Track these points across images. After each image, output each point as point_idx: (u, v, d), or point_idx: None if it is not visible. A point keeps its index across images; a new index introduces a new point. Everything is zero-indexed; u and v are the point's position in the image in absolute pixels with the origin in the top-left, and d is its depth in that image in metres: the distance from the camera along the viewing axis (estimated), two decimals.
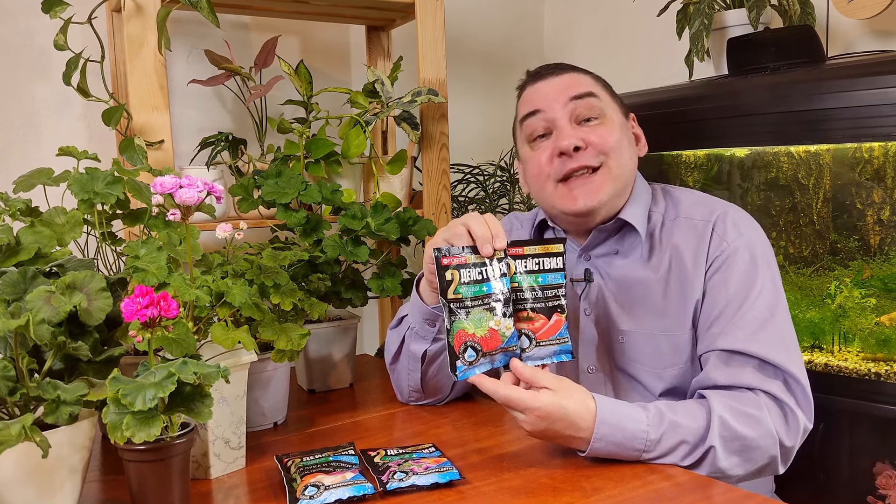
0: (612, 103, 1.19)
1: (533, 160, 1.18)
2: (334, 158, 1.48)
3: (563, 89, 1.16)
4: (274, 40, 1.58)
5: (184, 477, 0.85)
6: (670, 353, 1.12)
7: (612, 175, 1.13)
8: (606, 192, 1.12)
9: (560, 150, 1.12)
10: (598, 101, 1.16)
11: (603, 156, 1.13)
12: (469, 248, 0.99)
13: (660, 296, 1.13)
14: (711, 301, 1.09)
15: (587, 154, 1.12)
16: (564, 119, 1.14)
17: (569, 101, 1.15)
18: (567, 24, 2.26)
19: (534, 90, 1.19)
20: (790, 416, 1.02)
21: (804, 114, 1.32)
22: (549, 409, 0.93)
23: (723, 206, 1.16)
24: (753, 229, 1.14)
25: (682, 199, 1.20)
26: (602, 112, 1.15)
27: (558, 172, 1.14)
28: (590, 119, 1.15)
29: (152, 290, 0.80)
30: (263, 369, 1.15)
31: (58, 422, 0.80)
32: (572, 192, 1.13)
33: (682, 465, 0.97)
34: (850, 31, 1.58)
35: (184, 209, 0.93)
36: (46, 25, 1.54)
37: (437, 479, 0.91)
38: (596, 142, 1.13)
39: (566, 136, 1.12)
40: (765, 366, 1.03)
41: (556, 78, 1.18)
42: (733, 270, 1.09)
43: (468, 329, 0.96)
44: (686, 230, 1.15)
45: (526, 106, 1.19)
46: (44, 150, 1.58)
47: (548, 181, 1.16)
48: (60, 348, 0.84)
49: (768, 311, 1.06)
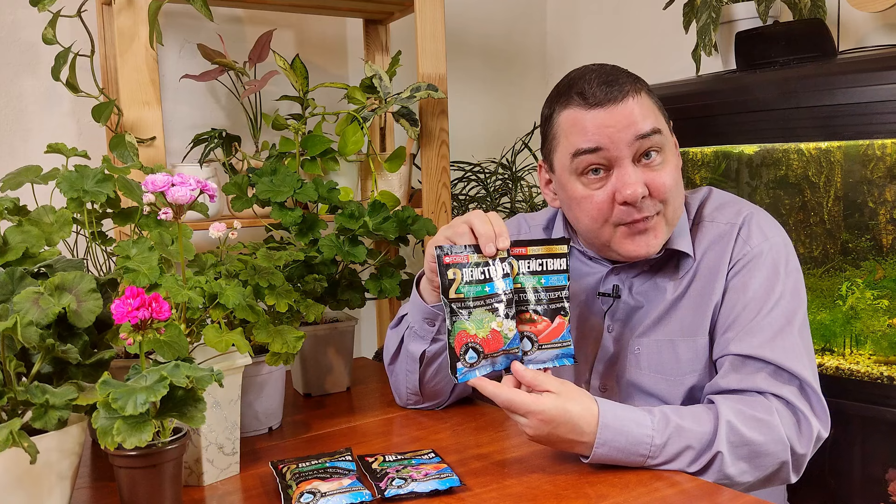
0: (667, 129, 1.11)
1: (589, 200, 1.09)
2: (331, 156, 1.48)
3: (628, 125, 1.05)
4: (269, 34, 1.58)
5: (176, 483, 0.85)
6: (690, 360, 1.11)
7: (668, 219, 1.10)
8: (663, 237, 1.11)
9: (627, 200, 1.06)
10: (661, 137, 1.08)
11: (661, 204, 1.08)
12: (472, 246, 0.99)
13: (682, 301, 1.13)
14: (730, 304, 1.09)
15: (648, 204, 1.07)
16: (628, 160, 1.06)
17: (635, 140, 1.06)
18: (571, 16, 2.26)
19: (592, 118, 1.06)
20: (803, 423, 1.01)
21: (814, 110, 1.32)
22: (553, 412, 0.93)
23: (749, 208, 1.15)
24: (779, 234, 1.13)
25: (708, 201, 1.19)
26: (663, 146, 1.09)
27: (619, 219, 1.09)
28: (650, 154, 1.08)
29: (143, 292, 0.80)
30: (258, 373, 1.15)
31: (46, 427, 0.80)
32: (633, 239, 1.09)
33: (688, 472, 0.97)
34: (861, 24, 1.58)
35: (176, 208, 0.93)
36: (34, 18, 1.54)
37: (436, 486, 0.91)
38: (657, 187, 1.07)
39: (632, 185, 1.05)
40: (779, 372, 1.03)
41: (615, 107, 1.06)
42: (754, 275, 1.09)
43: (470, 330, 0.96)
44: (711, 233, 1.14)
45: (579, 137, 1.07)
46: (32, 147, 1.58)
47: (606, 225, 1.10)
48: (49, 351, 0.84)
49: (786, 318, 1.06)
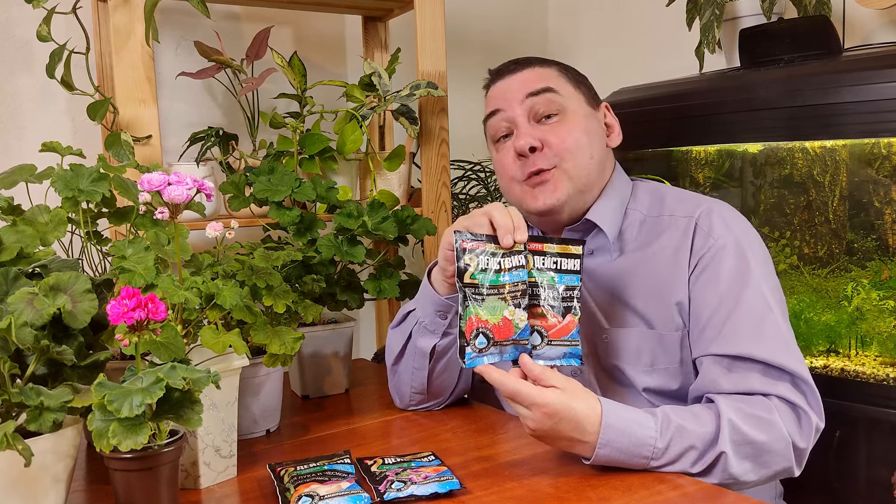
0: (575, 95, 1.19)
1: (498, 162, 1.21)
2: (329, 154, 1.48)
3: (520, 86, 1.18)
4: (266, 31, 1.58)
5: (172, 487, 0.85)
6: (658, 353, 1.13)
7: (569, 175, 1.15)
8: (564, 191, 1.15)
9: (517, 151, 1.16)
10: (558, 97, 1.17)
11: (557, 157, 1.14)
12: (489, 237, 1.01)
13: (639, 295, 1.14)
14: (701, 302, 1.09)
15: (543, 156, 1.15)
16: (523, 118, 1.17)
17: (525, 97, 1.17)
18: (572, 13, 2.26)
19: (495, 88, 1.23)
20: (803, 418, 1.02)
21: (819, 108, 1.32)
22: (557, 406, 0.94)
23: (709, 202, 1.17)
24: (742, 224, 1.14)
25: (667, 196, 1.21)
26: (562, 107, 1.17)
27: (521, 174, 1.16)
28: (550, 116, 1.17)
29: (139, 292, 0.80)
30: (255, 374, 1.15)
31: (41, 429, 0.80)
32: (533, 192, 1.16)
33: (692, 473, 0.97)
34: (867, 21, 1.58)
35: (172, 207, 0.93)
36: (29, 15, 1.54)
37: (436, 489, 0.91)
38: (553, 142, 1.15)
39: (522, 136, 1.15)
40: (769, 369, 1.03)
41: (514, 75, 1.20)
42: (723, 268, 1.09)
43: (482, 315, 0.97)
44: (668, 227, 1.16)
45: (488, 106, 1.23)
46: (26, 145, 1.58)
47: (513, 182, 1.19)
48: (44, 352, 0.84)
49: (765, 308, 1.06)
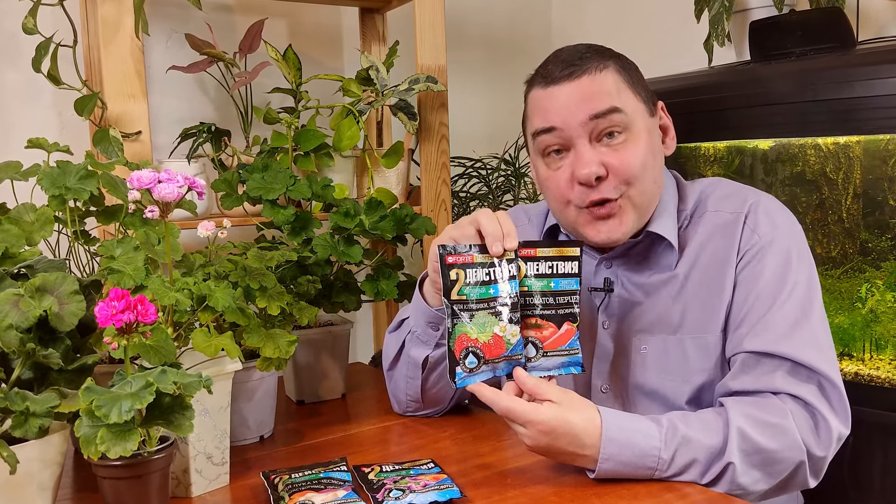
0: (638, 107, 1.10)
1: (549, 179, 1.12)
2: (325, 151, 1.48)
3: (582, 103, 1.07)
4: (260, 23, 1.58)
5: (163, 495, 0.85)
6: (697, 358, 1.11)
7: (634, 203, 1.10)
8: (629, 224, 1.10)
9: (580, 181, 1.08)
10: (624, 117, 1.08)
11: (624, 185, 1.08)
12: (477, 246, 0.99)
13: (687, 298, 1.12)
14: (741, 298, 1.09)
15: (608, 185, 1.07)
16: (583, 139, 1.08)
17: (588, 119, 1.07)
18: (576, 4, 2.26)
19: (548, 98, 1.09)
20: (821, 424, 1.01)
21: (832, 103, 1.32)
22: (553, 423, 0.93)
23: (755, 196, 1.15)
24: (789, 221, 1.13)
25: (712, 192, 1.18)
26: (627, 126, 1.08)
27: (580, 201, 1.09)
28: (612, 134, 1.08)
29: (129, 294, 0.80)
30: (249, 379, 1.15)
31: (27, 435, 0.80)
32: (595, 225, 1.10)
33: (699, 483, 0.97)
34: (881, 13, 1.58)
35: (163, 206, 0.93)
36: (14, 7, 1.54)
37: (436, 498, 0.91)
38: (617, 168, 1.07)
39: (585, 164, 1.07)
40: (797, 368, 1.02)
41: (570, 83, 1.08)
42: (765, 265, 1.08)
43: (471, 333, 0.96)
44: (716, 225, 1.14)
45: (538, 117, 1.11)
46: (11, 141, 1.58)
47: (569, 206, 1.12)
48: (29, 356, 0.84)
49: (801, 309, 1.06)
